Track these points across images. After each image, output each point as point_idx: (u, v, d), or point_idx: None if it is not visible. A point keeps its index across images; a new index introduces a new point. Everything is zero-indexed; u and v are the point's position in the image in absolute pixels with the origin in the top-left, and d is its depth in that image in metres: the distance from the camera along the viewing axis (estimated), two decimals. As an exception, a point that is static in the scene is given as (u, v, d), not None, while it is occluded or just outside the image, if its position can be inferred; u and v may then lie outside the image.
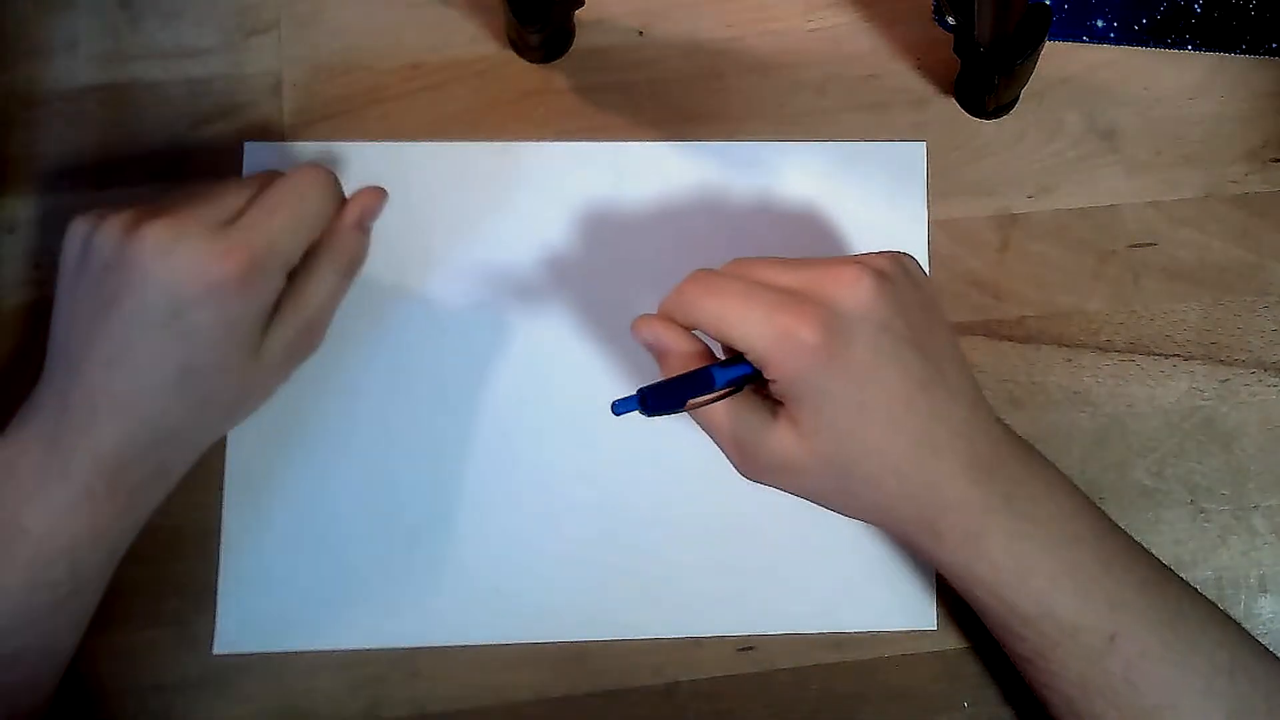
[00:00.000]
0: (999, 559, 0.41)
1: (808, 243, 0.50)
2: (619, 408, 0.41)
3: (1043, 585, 0.41)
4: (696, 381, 0.41)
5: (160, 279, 0.40)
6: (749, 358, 0.41)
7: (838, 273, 0.41)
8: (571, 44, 0.52)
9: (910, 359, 0.40)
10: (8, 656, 0.41)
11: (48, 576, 0.41)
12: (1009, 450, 0.43)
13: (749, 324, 0.40)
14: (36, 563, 0.41)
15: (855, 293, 0.40)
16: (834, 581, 0.48)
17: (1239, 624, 0.43)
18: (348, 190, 0.46)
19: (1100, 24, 0.53)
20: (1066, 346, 0.50)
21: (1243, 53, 0.52)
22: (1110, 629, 0.40)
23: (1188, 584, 0.43)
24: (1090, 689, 0.41)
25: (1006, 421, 0.44)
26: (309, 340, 0.46)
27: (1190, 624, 0.42)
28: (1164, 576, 0.43)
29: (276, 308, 0.43)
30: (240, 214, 0.42)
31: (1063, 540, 0.42)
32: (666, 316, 0.43)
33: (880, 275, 0.41)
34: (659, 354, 0.43)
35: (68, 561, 0.41)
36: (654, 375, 0.45)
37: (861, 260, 0.41)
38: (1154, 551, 0.44)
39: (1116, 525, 0.44)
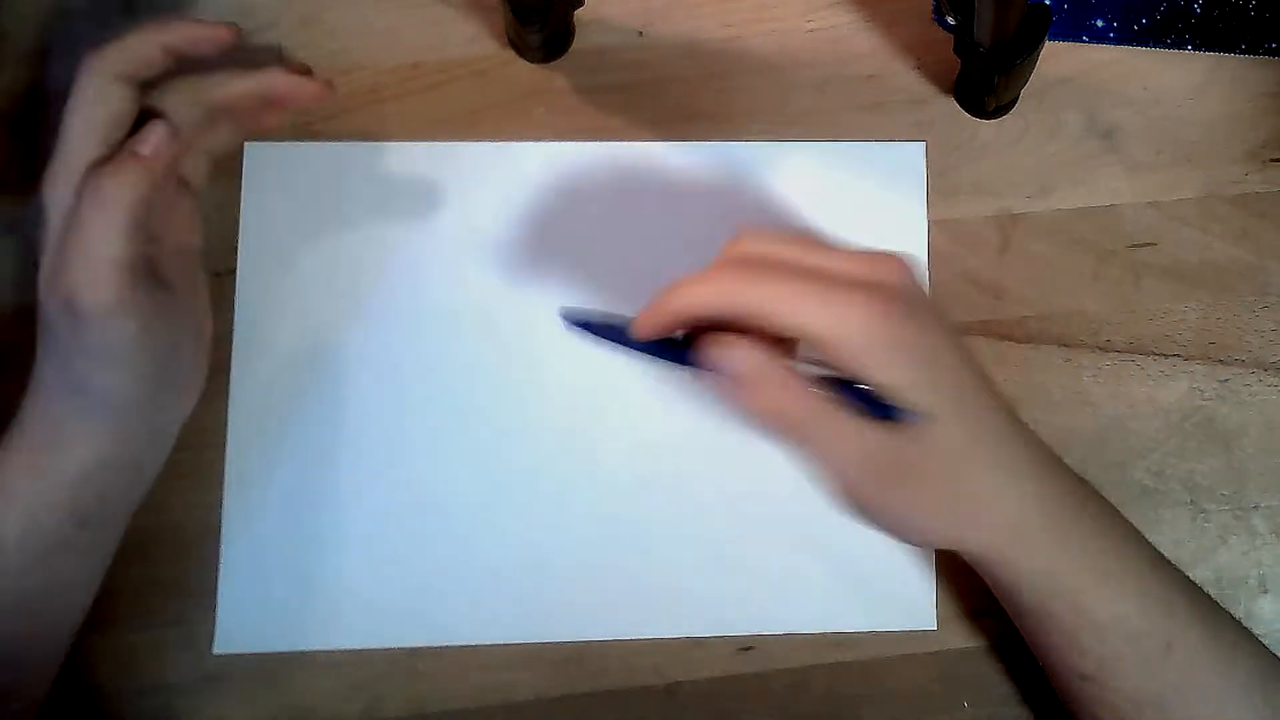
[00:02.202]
0: (1080, 562, 0.41)
1: (808, 243, 0.50)
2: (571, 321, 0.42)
3: (1114, 590, 0.41)
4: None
5: None
6: (808, 339, 0.39)
7: (878, 260, 0.40)
8: (571, 44, 0.52)
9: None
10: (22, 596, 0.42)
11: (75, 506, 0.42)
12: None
13: (806, 308, 0.38)
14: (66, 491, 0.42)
15: (905, 275, 0.40)
16: (834, 582, 0.48)
17: (1253, 633, 0.43)
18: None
19: (1100, 24, 0.53)
20: (1066, 346, 0.50)
21: (1242, 53, 0.52)
22: (1166, 637, 0.41)
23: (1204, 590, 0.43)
24: (1144, 701, 0.41)
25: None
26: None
27: (1227, 633, 0.42)
28: (1191, 582, 0.43)
29: None
30: None
31: (1119, 539, 0.42)
32: (698, 308, 0.40)
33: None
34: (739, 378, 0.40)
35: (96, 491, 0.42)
36: (655, 376, 0.45)
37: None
38: (1154, 552, 0.44)
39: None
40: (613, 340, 0.42)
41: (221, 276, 0.50)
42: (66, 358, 0.41)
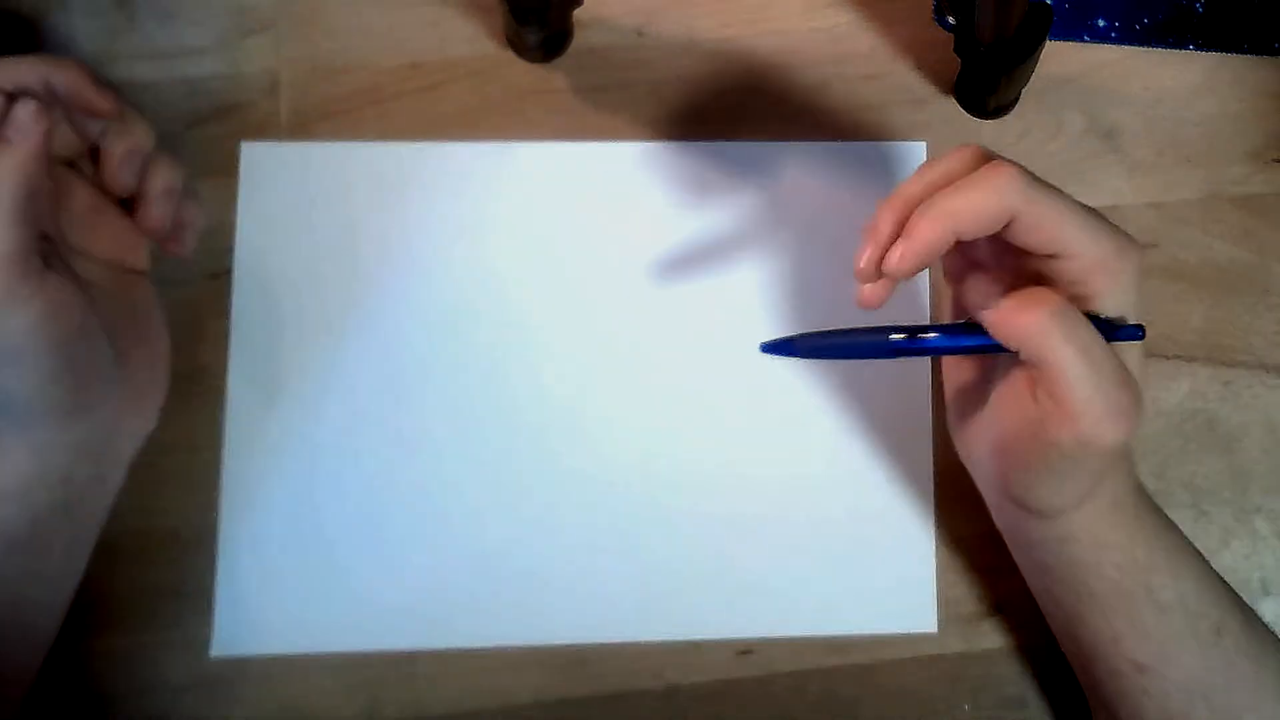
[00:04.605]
0: (1153, 540, 0.42)
1: (808, 243, 0.50)
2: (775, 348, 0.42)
3: (1179, 569, 0.42)
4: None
5: None
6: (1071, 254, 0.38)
7: None
8: (570, 44, 0.52)
9: None
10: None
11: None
12: None
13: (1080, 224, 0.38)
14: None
15: None
16: (834, 584, 0.48)
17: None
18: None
19: (1101, 24, 0.52)
20: (1068, 348, 0.50)
21: (1244, 53, 0.52)
22: (1218, 620, 0.41)
23: None
24: (1195, 691, 0.41)
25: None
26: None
27: (1258, 624, 0.42)
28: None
29: None
30: None
31: (1172, 525, 0.43)
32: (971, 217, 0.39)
33: None
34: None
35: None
36: (654, 378, 0.44)
37: None
38: (1156, 554, 0.44)
39: None
40: (824, 352, 0.42)
41: (219, 277, 0.50)
42: None
